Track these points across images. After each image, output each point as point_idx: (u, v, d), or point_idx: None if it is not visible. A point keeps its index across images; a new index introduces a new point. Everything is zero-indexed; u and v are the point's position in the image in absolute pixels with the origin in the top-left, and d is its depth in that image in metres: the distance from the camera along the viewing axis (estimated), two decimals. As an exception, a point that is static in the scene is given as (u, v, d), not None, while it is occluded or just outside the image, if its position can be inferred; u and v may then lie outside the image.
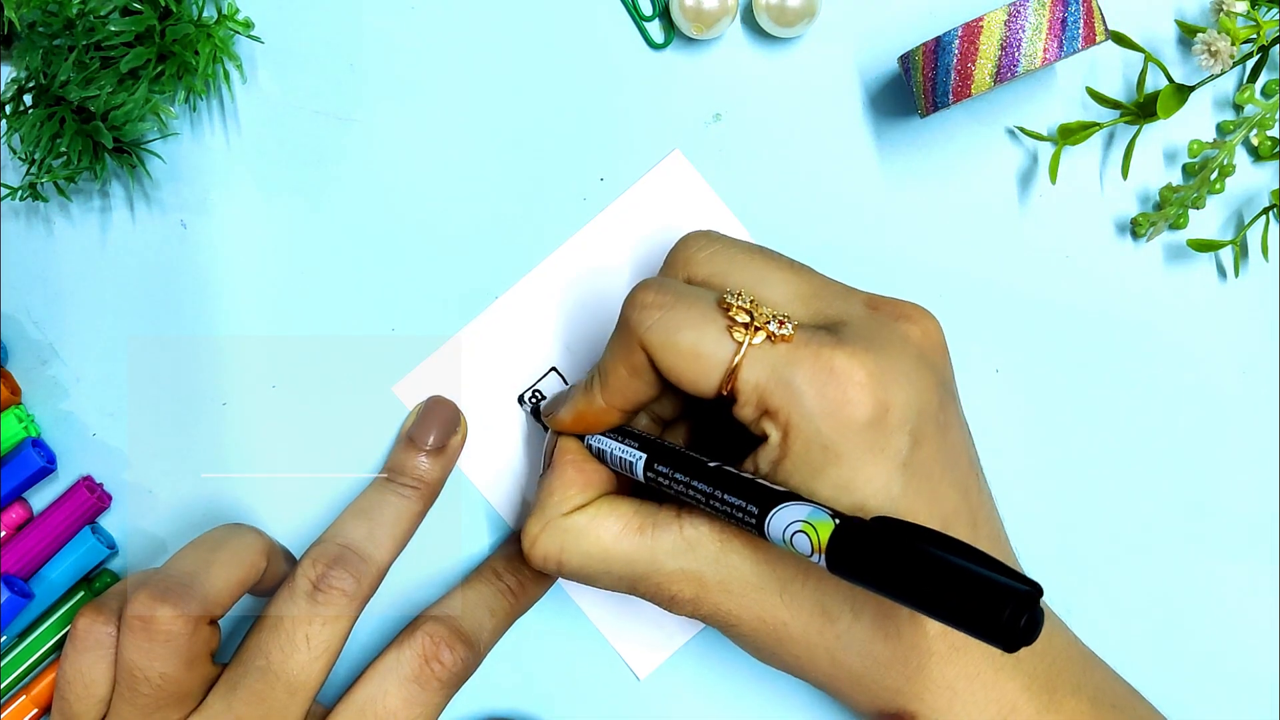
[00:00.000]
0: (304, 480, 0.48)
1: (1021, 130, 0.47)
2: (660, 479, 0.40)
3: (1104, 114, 0.47)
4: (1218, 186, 0.46)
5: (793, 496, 0.36)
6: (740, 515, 0.37)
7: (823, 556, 0.34)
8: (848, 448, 0.37)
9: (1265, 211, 0.46)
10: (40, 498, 0.48)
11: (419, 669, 0.42)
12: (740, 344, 0.37)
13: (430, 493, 0.46)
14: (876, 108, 0.47)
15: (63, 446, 0.48)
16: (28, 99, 0.44)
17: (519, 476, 0.48)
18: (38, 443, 0.47)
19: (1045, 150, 0.47)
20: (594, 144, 0.47)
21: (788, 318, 0.38)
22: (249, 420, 0.48)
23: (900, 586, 0.33)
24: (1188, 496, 0.48)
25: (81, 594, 0.47)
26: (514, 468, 0.48)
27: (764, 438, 0.38)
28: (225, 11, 0.46)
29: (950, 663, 0.39)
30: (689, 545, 0.39)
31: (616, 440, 0.42)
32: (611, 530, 0.40)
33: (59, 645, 0.46)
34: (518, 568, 0.46)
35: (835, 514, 0.35)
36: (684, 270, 0.41)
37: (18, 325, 0.48)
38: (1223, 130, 0.47)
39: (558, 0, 0.47)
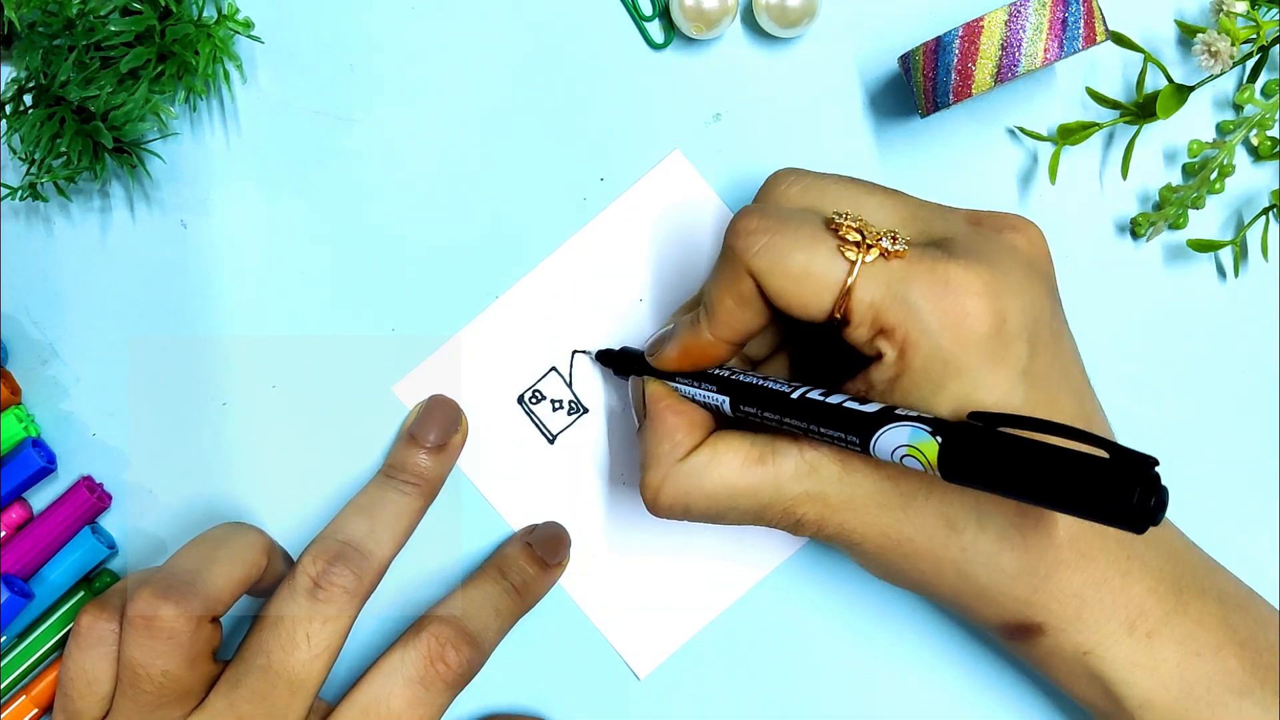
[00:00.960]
0: (304, 480, 0.48)
1: (1021, 130, 0.47)
2: (752, 418, 0.40)
3: (1104, 114, 0.47)
4: (1217, 186, 0.46)
5: (886, 416, 0.36)
6: (844, 444, 0.37)
7: (936, 473, 0.34)
8: (968, 360, 0.36)
9: (1265, 211, 0.46)
10: (40, 498, 0.48)
11: (424, 670, 0.42)
12: (854, 263, 0.37)
13: (431, 490, 0.46)
14: (876, 108, 0.47)
15: (63, 446, 0.48)
16: (28, 99, 0.44)
17: (519, 476, 0.48)
18: (38, 443, 0.47)
19: (1045, 150, 0.47)
20: (594, 144, 0.47)
21: (898, 234, 0.37)
22: (249, 420, 0.48)
23: (1019, 484, 0.33)
24: (1187, 496, 0.48)
25: (81, 594, 0.47)
26: (514, 467, 0.48)
27: (876, 358, 0.38)
28: (225, 11, 0.46)
29: (1077, 570, 0.39)
30: (811, 468, 0.39)
31: (695, 386, 0.42)
32: (732, 466, 0.40)
33: (59, 645, 0.46)
34: (521, 566, 0.46)
35: (935, 428, 0.35)
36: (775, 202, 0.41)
37: (18, 325, 0.48)
38: (1222, 130, 0.47)
39: (558, 0, 0.47)
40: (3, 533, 0.46)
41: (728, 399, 0.41)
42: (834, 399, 0.38)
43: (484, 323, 0.48)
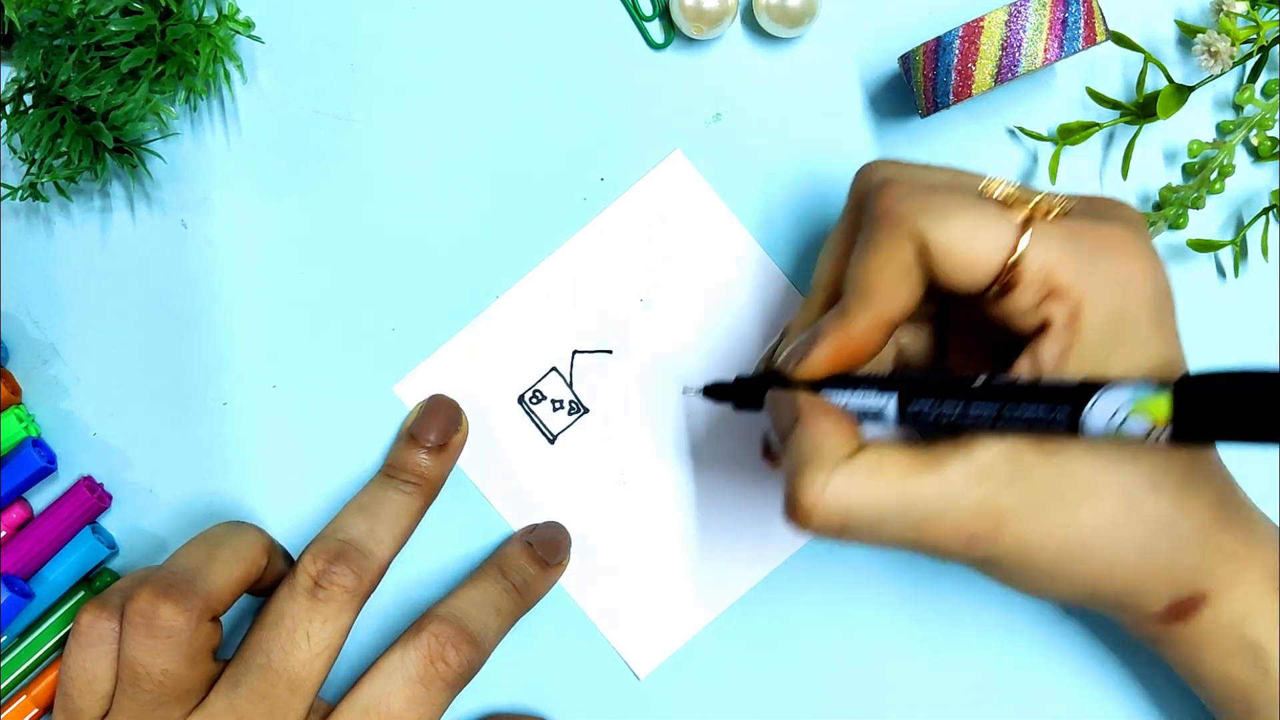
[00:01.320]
0: (304, 480, 0.48)
1: (1021, 130, 0.47)
2: (923, 417, 0.36)
3: (1104, 114, 0.47)
4: (1217, 186, 0.46)
5: (1094, 385, 0.34)
6: (1045, 425, 0.34)
7: (1167, 430, 0.33)
8: (1142, 320, 0.36)
9: (1265, 212, 0.46)
10: (40, 498, 0.48)
11: (424, 669, 0.42)
12: (1023, 221, 0.35)
13: (431, 490, 0.46)
14: (876, 108, 0.47)
15: (63, 446, 0.48)
16: (28, 99, 0.44)
17: (519, 476, 0.48)
18: (38, 443, 0.47)
19: (1045, 150, 0.47)
20: (594, 144, 0.47)
21: (1062, 196, 0.36)
22: (249, 420, 0.48)
23: (1264, 426, 0.32)
24: (1188, 496, 0.48)
25: (81, 594, 0.47)
26: (514, 467, 0.48)
27: (1038, 332, 0.36)
28: (225, 11, 0.46)
29: (1230, 529, 0.38)
30: (982, 472, 0.36)
31: (849, 392, 0.38)
32: (896, 473, 0.36)
33: (59, 645, 0.46)
34: (522, 566, 0.46)
35: (1160, 384, 0.33)
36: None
37: (18, 325, 0.48)
38: (1222, 130, 0.47)
39: (558, 0, 0.47)
40: (3, 533, 0.46)
41: (895, 397, 0.37)
42: (1025, 380, 0.35)
43: (484, 323, 0.48)
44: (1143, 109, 0.45)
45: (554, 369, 0.48)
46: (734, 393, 0.41)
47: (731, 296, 0.48)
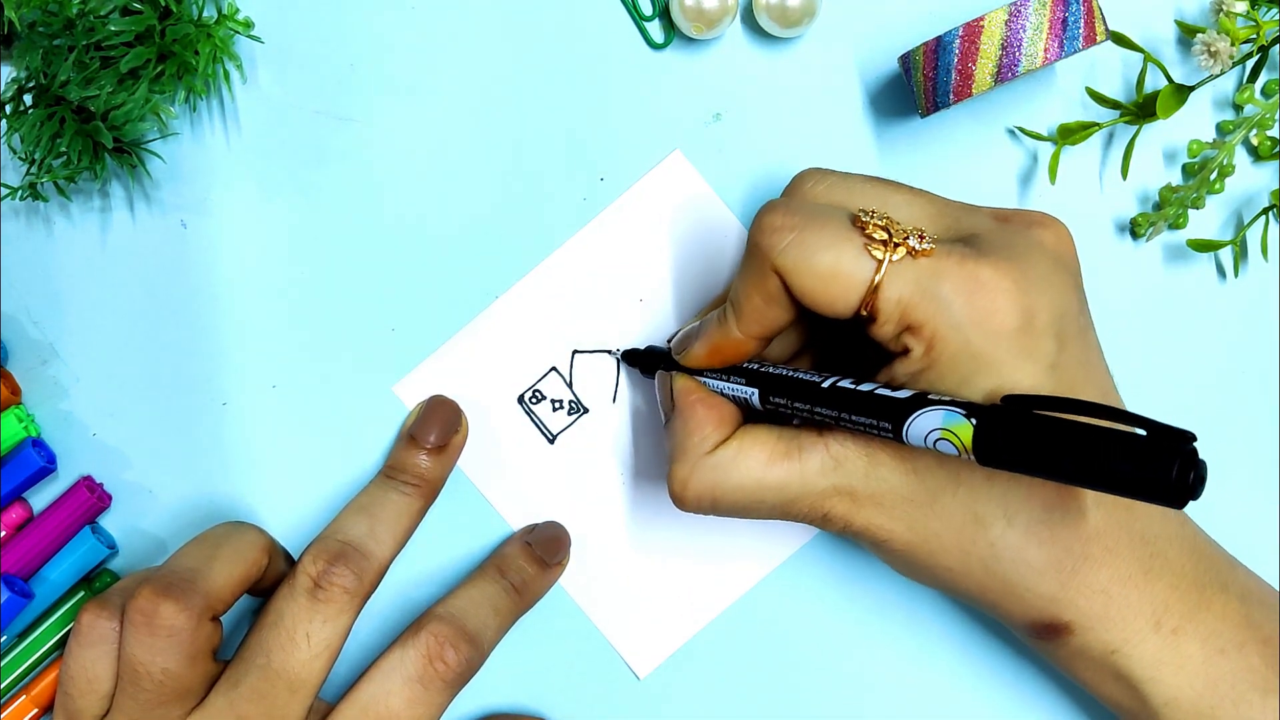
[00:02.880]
0: (304, 480, 0.48)
1: (1021, 130, 0.47)
2: (781, 409, 0.40)
3: (1104, 114, 0.47)
4: (1217, 186, 0.46)
5: (919, 401, 0.36)
6: (875, 432, 0.37)
7: (971, 456, 0.34)
8: (997, 355, 0.36)
9: (1265, 211, 0.46)
10: (40, 498, 0.48)
11: (423, 669, 0.42)
12: (881, 261, 0.37)
13: (431, 491, 0.46)
14: (876, 108, 0.47)
15: (63, 446, 0.48)
16: (28, 99, 0.44)
17: (519, 476, 0.48)
18: (38, 443, 0.47)
19: (1045, 150, 0.47)
20: (594, 144, 0.47)
21: (925, 232, 0.37)
22: (249, 420, 0.48)
23: (1057, 464, 0.33)
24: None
25: (81, 594, 0.47)
26: (514, 467, 0.48)
27: (902, 353, 0.38)
28: (225, 11, 0.46)
29: (1103, 566, 0.39)
30: (837, 463, 0.39)
31: (723, 380, 0.42)
32: (759, 460, 0.40)
33: (59, 645, 0.46)
34: (521, 566, 0.46)
35: (968, 411, 0.35)
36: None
37: (18, 325, 0.48)
38: (1222, 130, 0.47)
39: (558, 0, 0.47)
40: (3, 533, 0.46)
41: (757, 391, 0.40)
42: (865, 387, 0.38)
43: (484, 323, 0.48)
44: (1143, 109, 0.45)
45: (554, 369, 0.48)
46: (640, 361, 0.47)
47: (731, 296, 0.48)
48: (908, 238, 0.37)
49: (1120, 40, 0.45)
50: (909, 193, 0.40)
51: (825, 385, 0.38)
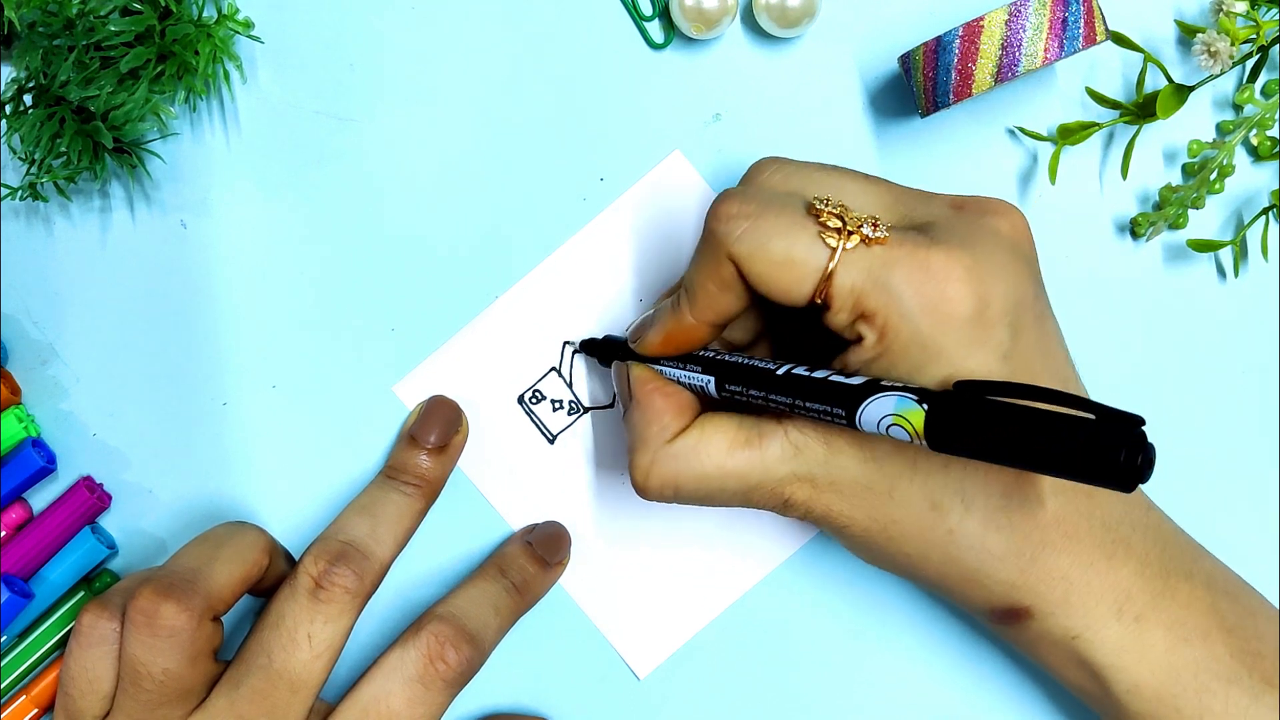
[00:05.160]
0: (304, 480, 0.48)
1: (1021, 130, 0.47)
2: (737, 397, 0.40)
3: (1104, 114, 0.47)
4: (1217, 186, 0.46)
5: (872, 387, 0.36)
6: (829, 418, 0.37)
7: (923, 442, 0.34)
8: (949, 344, 0.37)
9: (1265, 211, 0.46)
10: (40, 498, 0.48)
11: (424, 669, 0.42)
12: (834, 249, 0.37)
13: (432, 491, 0.46)
14: (876, 108, 0.47)
15: (63, 446, 0.48)
16: (28, 99, 0.44)
17: (519, 476, 0.48)
18: (38, 443, 0.47)
19: (1045, 150, 0.47)
20: (594, 144, 0.47)
21: (879, 220, 0.37)
22: (249, 420, 0.48)
23: (1008, 449, 0.33)
24: (1187, 497, 0.48)
25: (81, 594, 0.47)
26: (514, 467, 0.48)
27: (856, 341, 0.38)
28: (225, 11, 0.46)
29: (1064, 553, 0.39)
30: (796, 450, 0.39)
31: (679, 368, 0.42)
32: (719, 447, 0.40)
33: (59, 645, 0.46)
34: (522, 565, 0.46)
35: (920, 396, 0.35)
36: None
37: (18, 325, 0.48)
38: (1222, 130, 0.47)
39: (558, 0, 0.47)
40: (3, 533, 0.46)
41: (713, 379, 0.41)
42: (819, 374, 0.38)
43: (484, 323, 0.48)
44: (1143, 109, 0.45)
45: (554, 369, 0.48)
46: (598, 350, 0.46)
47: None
48: (861, 225, 0.37)
49: (1120, 40, 0.45)
50: (864, 180, 0.40)
51: (780, 372, 0.39)
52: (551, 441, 0.48)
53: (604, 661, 0.49)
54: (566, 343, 0.48)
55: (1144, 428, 0.32)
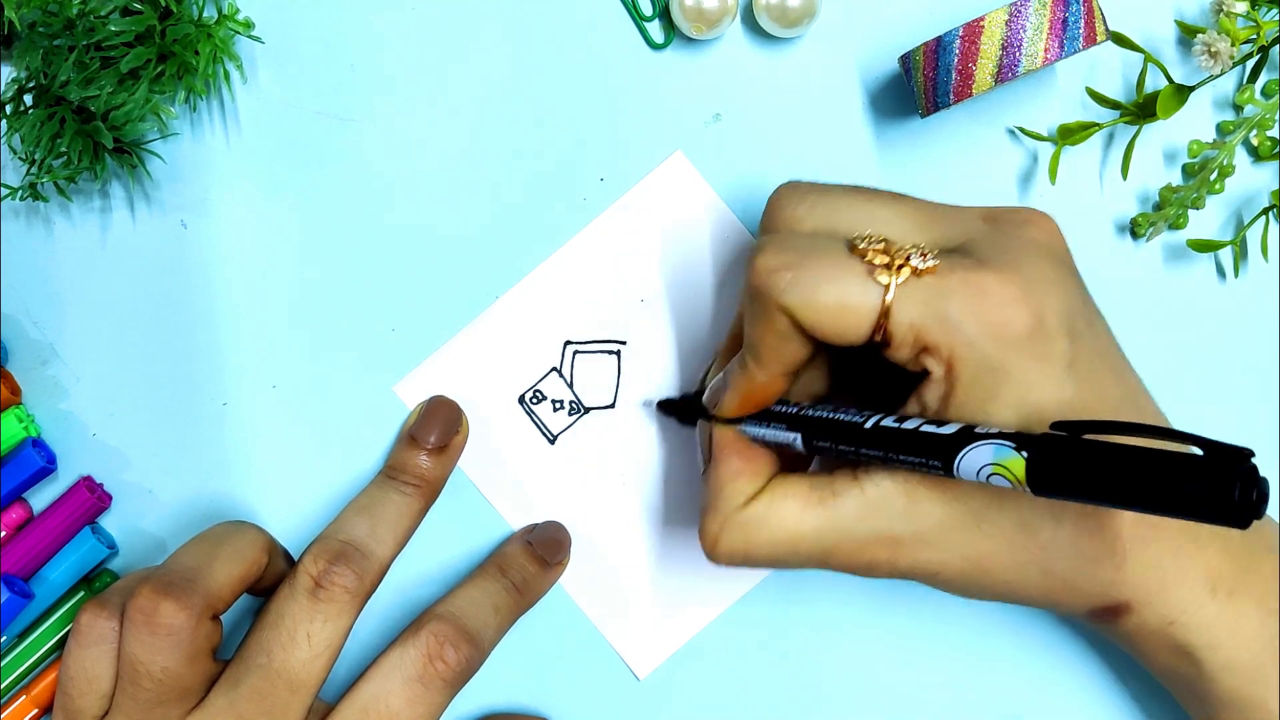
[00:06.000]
0: (304, 480, 0.48)
1: (1021, 130, 0.47)
2: (828, 451, 0.39)
3: (1104, 114, 0.47)
4: (1217, 187, 0.46)
5: (966, 436, 0.35)
6: (925, 469, 0.36)
7: (1026, 489, 0.34)
8: (1015, 364, 0.36)
9: (1265, 212, 0.46)
10: (40, 498, 0.48)
11: (423, 668, 0.42)
12: (886, 286, 0.36)
13: (432, 491, 0.46)
14: (876, 108, 0.47)
15: (63, 446, 0.48)
16: (28, 99, 0.44)
17: (519, 476, 0.48)
18: (38, 443, 0.47)
19: (1045, 150, 0.47)
20: (594, 144, 0.47)
21: (925, 249, 0.37)
22: (249, 420, 0.48)
23: (1115, 491, 0.32)
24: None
25: (81, 594, 0.47)
26: (514, 467, 0.48)
27: (923, 373, 0.38)
28: (225, 11, 0.46)
29: (1153, 543, 0.39)
30: (874, 506, 0.38)
31: (763, 426, 0.41)
32: (792, 511, 0.39)
33: (59, 645, 0.46)
34: (522, 565, 0.46)
35: (1018, 443, 0.34)
36: (787, 229, 0.40)
37: (18, 325, 0.48)
38: (1222, 130, 0.47)
39: (558, 0, 0.47)
40: (3, 533, 0.46)
41: (800, 435, 0.40)
42: (909, 424, 0.37)
43: (484, 323, 0.48)
44: (1143, 109, 0.45)
45: (554, 369, 0.48)
46: (677, 411, 0.47)
47: (732, 296, 0.48)
48: (909, 257, 0.37)
49: (1120, 40, 0.45)
50: (893, 202, 0.40)
51: (868, 425, 0.38)
52: (552, 442, 0.48)
53: (604, 661, 0.49)
54: (648, 402, 0.48)
55: (1254, 460, 0.31)
